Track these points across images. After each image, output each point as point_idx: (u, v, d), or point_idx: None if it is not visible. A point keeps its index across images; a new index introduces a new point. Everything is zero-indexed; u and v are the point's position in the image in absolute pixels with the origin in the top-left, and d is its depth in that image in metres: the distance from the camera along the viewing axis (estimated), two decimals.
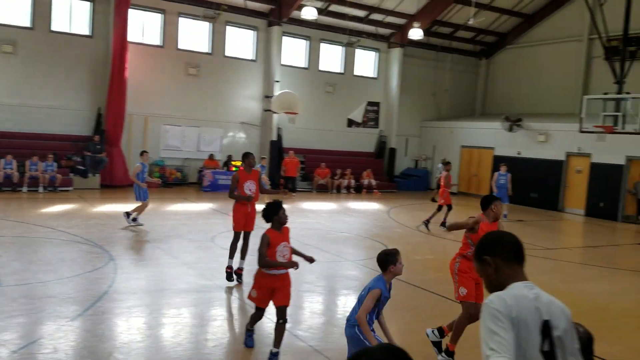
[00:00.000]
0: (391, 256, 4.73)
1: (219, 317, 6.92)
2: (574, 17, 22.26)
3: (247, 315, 6.89)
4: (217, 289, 7.91)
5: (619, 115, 14.22)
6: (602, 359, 6.06)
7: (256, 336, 6.16)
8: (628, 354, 6.09)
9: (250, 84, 21.91)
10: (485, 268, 2.40)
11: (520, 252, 2.42)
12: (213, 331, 6.37)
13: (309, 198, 19.69)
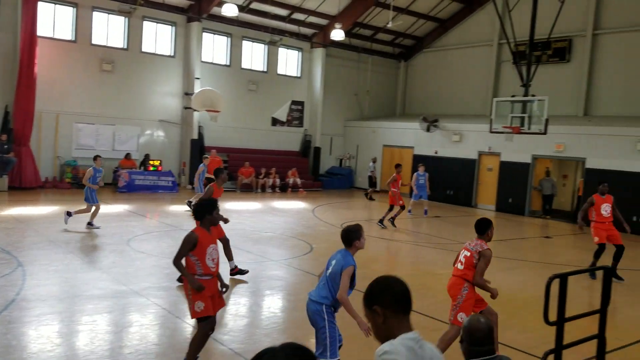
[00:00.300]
0: (355, 232, 4.92)
1: (135, 323, 6.66)
2: (485, 23, 23.44)
3: (164, 320, 6.71)
4: (133, 294, 7.61)
5: (525, 116, 15.10)
6: (510, 347, 6.42)
7: (173, 341, 6.00)
8: (535, 341, 6.48)
9: (169, 81, 21.30)
10: (375, 317, 2.38)
11: (409, 303, 2.45)
12: (129, 338, 6.12)
13: (232, 198, 19.41)
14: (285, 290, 8.47)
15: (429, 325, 7.03)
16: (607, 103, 20.00)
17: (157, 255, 9.98)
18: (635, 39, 19.21)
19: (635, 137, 16.89)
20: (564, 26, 19.24)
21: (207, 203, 5.51)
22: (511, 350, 6.28)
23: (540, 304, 8.35)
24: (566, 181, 21.47)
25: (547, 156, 19.63)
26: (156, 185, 19.51)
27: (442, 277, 10.00)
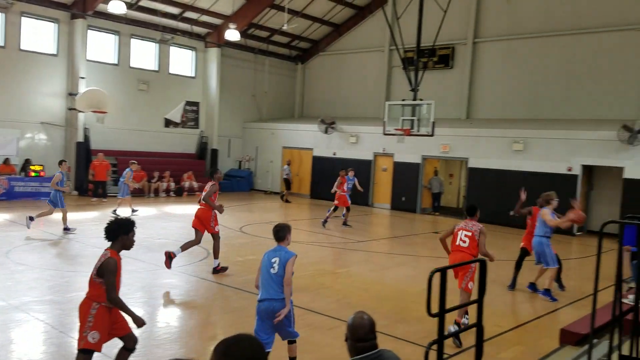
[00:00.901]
0: (287, 228, 5.56)
1: (16, 340, 6.14)
2: (376, 30, 24.35)
3: (47, 336, 6.25)
4: (13, 309, 7.02)
5: (415, 119, 15.92)
6: (402, 339, 6.72)
7: (57, 357, 5.62)
8: (425, 333, 6.83)
9: (52, 81, 19.88)
10: None
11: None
12: (9, 357, 5.63)
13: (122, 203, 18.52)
14: (180, 298, 8.23)
15: (326, 324, 7.16)
16: (487, 106, 21.60)
17: (39, 268, 9.28)
18: (511, 46, 20.92)
19: (512, 138, 18.39)
20: (447, 35, 20.52)
21: (124, 222, 4.80)
22: (403, 343, 6.57)
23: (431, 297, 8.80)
24: (452, 180, 22.89)
25: (435, 156, 20.81)
26: (38, 192, 18.12)
27: (340, 275, 10.26)
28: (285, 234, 5.51)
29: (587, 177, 17.82)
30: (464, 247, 7.00)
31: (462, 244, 7.02)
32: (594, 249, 4.37)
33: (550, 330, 7.18)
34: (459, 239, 7.05)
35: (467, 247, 6.98)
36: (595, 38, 18.92)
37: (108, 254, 4.62)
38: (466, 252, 6.92)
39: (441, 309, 3.58)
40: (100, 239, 5.40)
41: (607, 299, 7.38)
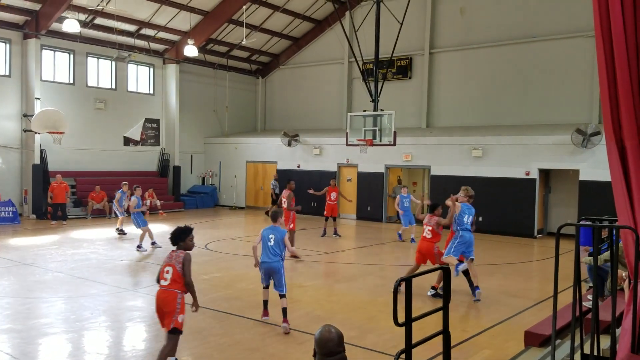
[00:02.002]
0: (280, 213, 7.93)
1: None
2: (335, 42, 24.60)
3: None
4: None
5: (376, 129, 16.13)
6: (371, 350, 6.75)
7: None
8: (394, 342, 6.87)
9: (6, 102, 19.31)
10: None
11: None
12: None
13: (83, 225, 18.08)
14: (144, 320, 8.04)
15: (295, 338, 7.12)
16: (445, 115, 22.05)
17: None
18: (466, 55, 21.46)
19: (471, 145, 18.80)
20: (405, 46, 20.95)
21: (185, 229, 5.99)
22: (371, 353, 6.60)
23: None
24: (416, 187, 23.20)
25: (398, 165, 21.08)
26: None
27: (309, 289, 10.23)
28: (278, 217, 7.81)
29: (544, 181, 18.36)
30: (428, 239, 9.55)
31: (427, 235, 9.56)
32: (553, 250, 4.51)
33: (516, 332, 7.33)
34: (425, 232, 9.60)
35: (431, 238, 9.53)
36: (545, 45, 19.60)
37: (182, 253, 5.90)
38: (430, 242, 9.51)
39: (407, 318, 3.62)
40: (60, 264, 5.24)
41: (568, 300, 7.61)
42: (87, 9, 19.24)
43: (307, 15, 24.51)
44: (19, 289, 9.53)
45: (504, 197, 17.99)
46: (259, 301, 8.92)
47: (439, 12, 22.11)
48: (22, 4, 18.60)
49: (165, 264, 5.94)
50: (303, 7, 23.86)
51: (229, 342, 6.99)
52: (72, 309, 8.32)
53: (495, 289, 10.34)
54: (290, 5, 23.41)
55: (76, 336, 7.14)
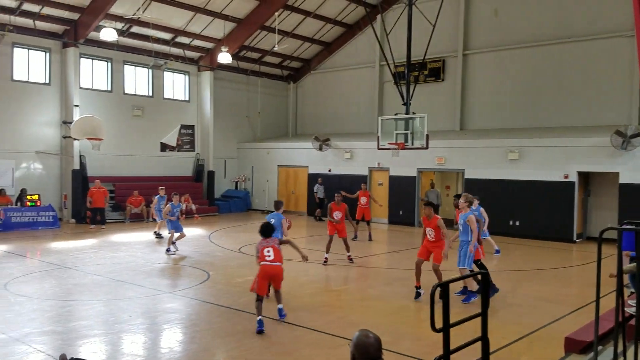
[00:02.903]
0: (281, 202, 10.38)
1: None
2: (366, 46, 24.57)
3: None
4: (13, 342, 6.95)
5: (408, 133, 15.99)
6: (406, 355, 6.68)
7: None
8: (429, 347, 6.79)
9: (45, 110, 19.94)
10: None
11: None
12: None
13: (121, 229, 18.48)
14: (181, 322, 8.17)
15: (328, 343, 7.11)
16: (480, 117, 21.74)
17: (38, 298, 9.21)
18: (501, 57, 21.13)
19: (506, 148, 18.47)
20: (437, 48, 20.74)
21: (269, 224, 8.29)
22: (406, 359, 6.53)
23: None
24: (449, 191, 22.91)
25: (430, 169, 20.86)
26: (35, 221, 18.07)
27: (341, 293, 10.22)
28: (280, 206, 10.32)
29: (583, 184, 17.89)
30: (432, 240, 9.72)
31: (430, 237, 9.74)
32: (593, 255, 4.38)
33: (555, 339, 7.15)
34: (428, 235, 9.79)
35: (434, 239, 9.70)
36: (583, 45, 19.14)
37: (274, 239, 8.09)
38: (434, 243, 9.69)
39: (445, 323, 3.57)
40: (99, 267, 5.37)
41: (609, 305, 7.38)
42: (124, 18, 19.72)
43: (339, 19, 24.56)
44: (60, 291, 9.80)
45: (542, 201, 17.60)
46: (292, 305, 8.96)
47: (472, 13, 21.85)
48: (61, 13, 19.20)
49: (263, 247, 7.94)
50: (334, 12, 23.93)
51: (263, 345, 7.03)
52: (110, 311, 8.51)
53: (533, 295, 10.12)
54: (321, 11, 23.51)
55: (115, 338, 7.30)
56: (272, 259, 7.77)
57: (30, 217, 18.02)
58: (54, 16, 19.20)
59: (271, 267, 7.77)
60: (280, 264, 7.86)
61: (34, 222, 18.02)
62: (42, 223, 18.20)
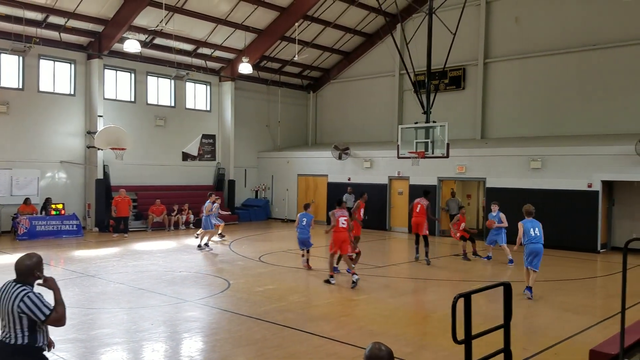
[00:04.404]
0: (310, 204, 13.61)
1: None
2: (386, 55, 24.57)
3: None
4: None
5: (428, 141, 15.91)
6: None
7: None
8: (450, 359, 6.71)
9: (70, 120, 20.35)
10: None
11: None
12: None
13: (143, 238, 18.69)
14: (202, 331, 8.22)
15: (349, 353, 7.08)
16: (501, 126, 21.53)
17: None
18: (522, 65, 20.95)
19: (529, 157, 18.26)
20: (457, 56, 20.64)
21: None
22: None
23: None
24: (470, 200, 22.70)
25: (451, 178, 20.70)
26: (60, 230, 18.39)
27: (360, 302, 10.17)
28: (309, 206, 12.95)
29: (607, 193, 17.56)
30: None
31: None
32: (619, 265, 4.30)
33: (580, 351, 7.01)
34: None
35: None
36: (606, 53, 18.88)
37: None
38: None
39: (467, 335, 3.54)
40: (121, 275, 5.43)
41: (636, 317, 7.21)
42: (147, 30, 20.07)
43: (358, 29, 24.64)
44: (83, 299, 9.94)
45: (565, 210, 17.32)
46: (312, 314, 8.96)
47: (493, 21, 21.73)
48: (86, 26, 19.62)
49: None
50: (354, 21, 24.02)
51: (283, 355, 7.03)
52: (132, 319, 8.60)
53: (557, 306, 9.94)
54: (341, 21, 23.63)
55: (136, 346, 7.37)
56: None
57: (55, 226, 18.34)
58: (79, 28, 19.63)
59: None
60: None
61: (58, 230, 18.34)
62: (66, 232, 18.51)
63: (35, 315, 3.91)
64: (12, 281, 4.11)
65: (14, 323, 3.96)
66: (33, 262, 4.08)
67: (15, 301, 3.93)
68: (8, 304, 3.95)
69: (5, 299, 4.00)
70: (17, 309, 3.91)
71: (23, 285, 4.02)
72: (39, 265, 4.09)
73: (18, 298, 3.93)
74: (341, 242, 11.36)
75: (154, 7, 18.81)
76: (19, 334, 3.95)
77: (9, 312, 3.96)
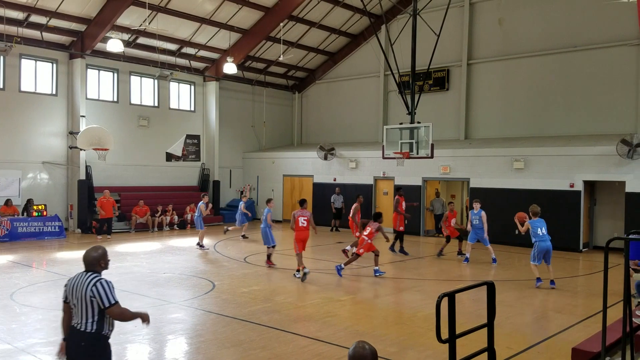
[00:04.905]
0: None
1: None
2: (370, 56, 24.63)
3: None
4: (19, 352, 6.96)
5: (413, 142, 16.00)
6: None
7: None
8: (435, 358, 6.75)
9: (52, 120, 20.09)
10: None
11: None
12: None
13: (127, 239, 18.52)
14: (187, 333, 8.16)
15: (335, 354, 7.08)
16: (485, 126, 21.72)
17: (44, 308, 9.24)
18: (505, 66, 21.16)
19: (512, 157, 18.44)
20: (441, 57, 20.80)
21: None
22: None
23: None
24: (454, 200, 22.85)
25: (436, 178, 20.84)
26: (42, 231, 18.15)
27: (346, 303, 10.18)
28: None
29: (589, 193, 17.81)
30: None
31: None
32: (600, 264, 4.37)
33: (562, 350, 7.10)
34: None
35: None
36: (588, 54, 19.15)
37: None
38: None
39: (451, 334, 3.56)
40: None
41: (617, 315, 7.32)
42: (130, 29, 19.90)
43: (343, 30, 24.69)
44: None
45: (548, 210, 17.42)
46: (298, 315, 8.95)
47: (476, 23, 21.92)
48: (69, 25, 19.39)
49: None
50: (339, 22, 24.06)
51: (269, 356, 7.00)
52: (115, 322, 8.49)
53: (540, 305, 10.06)
54: (326, 21, 23.65)
55: (120, 349, 7.28)
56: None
57: (37, 227, 18.10)
58: (61, 28, 19.40)
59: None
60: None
61: (40, 232, 18.10)
62: (48, 233, 18.28)
63: (101, 300, 4.28)
64: (83, 272, 4.52)
65: (86, 309, 4.32)
66: (99, 254, 4.53)
67: (88, 286, 4.32)
68: (81, 290, 4.34)
69: (79, 286, 4.38)
70: (89, 292, 4.28)
71: (94, 273, 4.45)
72: (104, 257, 4.55)
73: (91, 283, 4.33)
74: (300, 240, 12.24)
75: (137, 7, 18.67)
76: (89, 319, 4.31)
77: (82, 298, 4.33)
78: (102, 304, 4.29)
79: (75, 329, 4.36)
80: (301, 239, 12.24)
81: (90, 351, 4.32)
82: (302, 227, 12.18)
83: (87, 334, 4.31)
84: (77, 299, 4.37)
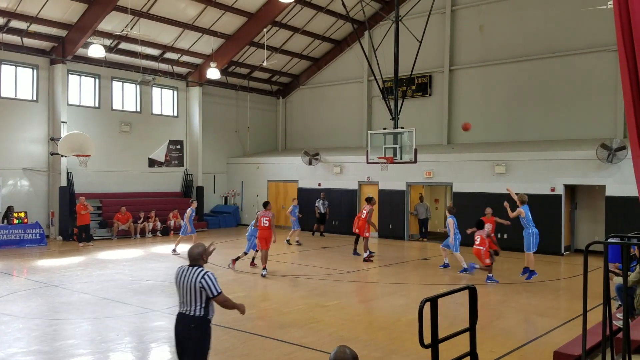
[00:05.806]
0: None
1: None
2: (354, 62, 24.74)
3: None
4: None
5: (397, 147, 16.10)
6: None
7: None
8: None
9: (33, 127, 19.82)
10: None
11: None
12: None
13: (108, 246, 18.31)
14: (169, 341, 8.05)
15: (320, 359, 7.07)
16: (467, 132, 21.86)
17: (24, 317, 9.08)
18: (487, 72, 21.39)
19: (493, 162, 18.62)
20: (424, 63, 20.98)
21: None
22: None
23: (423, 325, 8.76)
24: (438, 205, 23.01)
25: (419, 183, 20.95)
26: (22, 239, 17.88)
27: (331, 308, 10.18)
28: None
29: (570, 197, 18.05)
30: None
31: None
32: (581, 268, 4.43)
33: (544, 352, 7.17)
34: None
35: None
36: (567, 60, 19.45)
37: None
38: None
39: (433, 339, 3.58)
40: (86, 285, 5.32)
41: (597, 318, 7.41)
42: (112, 34, 19.75)
43: (327, 36, 24.77)
44: (46, 310, 9.68)
45: None
46: (282, 321, 8.92)
47: (458, 29, 22.14)
48: (49, 30, 19.18)
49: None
50: (322, 28, 24.14)
51: None
52: (97, 330, 8.41)
53: (522, 308, 10.15)
54: (309, 27, 23.71)
55: (102, 357, 7.20)
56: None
57: (17, 235, 17.81)
58: (42, 33, 19.18)
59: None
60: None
61: (20, 239, 17.82)
62: (29, 241, 18.00)
63: (210, 290, 5.00)
64: (187, 266, 5.19)
65: (195, 298, 5.02)
66: (200, 250, 5.23)
67: (197, 278, 4.99)
68: (190, 282, 5.02)
69: (187, 278, 5.07)
70: (199, 284, 4.97)
71: (200, 267, 5.11)
72: (205, 252, 5.26)
73: (200, 276, 5.00)
74: (262, 238, 13.28)
75: (119, 12, 18.54)
76: (198, 306, 5.02)
77: (191, 288, 5.02)
78: (211, 293, 5.01)
79: (184, 314, 5.09)
80: (263, 237, 13.29)
81: (199, 332, 5.08)
82: (264, 227, 13.23)
83: (196, 318, 5.04)
84: (187, 289, 5.05)
